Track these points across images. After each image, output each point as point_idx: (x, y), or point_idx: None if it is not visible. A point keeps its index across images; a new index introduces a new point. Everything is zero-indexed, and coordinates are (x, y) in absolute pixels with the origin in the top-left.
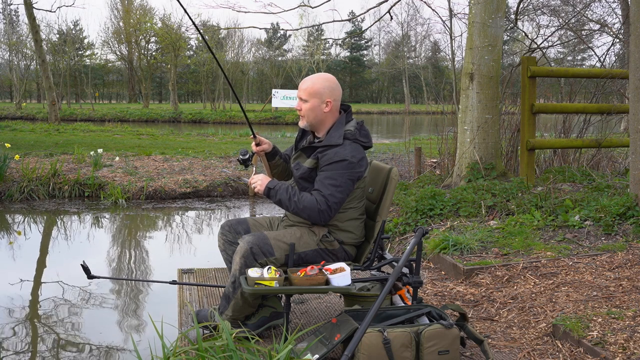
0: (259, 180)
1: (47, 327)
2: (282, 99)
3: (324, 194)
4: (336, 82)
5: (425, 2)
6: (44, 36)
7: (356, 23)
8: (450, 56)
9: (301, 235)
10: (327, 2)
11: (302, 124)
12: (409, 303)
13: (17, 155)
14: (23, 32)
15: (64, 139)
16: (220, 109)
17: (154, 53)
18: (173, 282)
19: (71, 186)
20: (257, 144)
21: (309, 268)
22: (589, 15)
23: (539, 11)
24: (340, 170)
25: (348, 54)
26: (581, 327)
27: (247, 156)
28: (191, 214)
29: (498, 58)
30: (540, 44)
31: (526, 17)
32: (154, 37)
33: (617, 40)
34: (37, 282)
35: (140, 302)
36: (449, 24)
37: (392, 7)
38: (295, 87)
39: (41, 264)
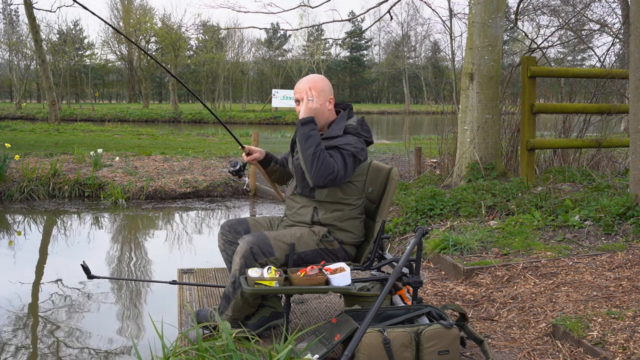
0: (314, 102)
1: (47, 327)
2: (282, 99)
3: (336, 162)
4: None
5: (425, 2)
6: (44, 36)
7: (356, 23)
8: (450, 56)
9: (301, 235)
10: (327, 2)
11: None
12: (409, 303)
13: (17, 155)
14: (23, 32)
15: (64, 139)
16: (220, 108)
17: (154, 53)
18: (173, 282)
19: (71, 186)
20: (248, 154)
21: (309, 268)
22: (589, 15)
23: (539, 11)
24: (347, 150)
25: (348, 54)
26: (581, 327)
27: (237, 167)
28: (191, 214)
29: (498, 58)
30: (540, 44)
31: (526, 17)
32: (154, 37)
33: (617, 40)
34: (37, 282)
35: (140, 302)
36: (449, 24)
37: (392, 7)
38: None
39: (41, 264)
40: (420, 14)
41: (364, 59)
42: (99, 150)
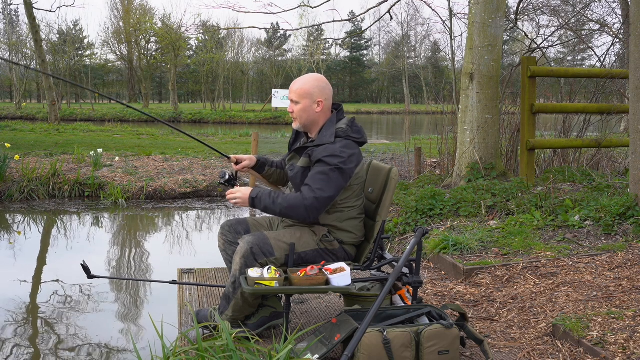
0: (239, 193)
1: (47, 327)
2: (282, 99)
3: (313, 188)
4: (326, 82)
5: (425, 2)
6: (44, 36)
7: (356, 23)
8: (450, 56)
9: (301, 235)
10: (327, 2)
11: (295, 125)
12: (409, 303)
13: (17, 155)
14: (23, 32)
15: (64, 139)
16: (220, 109)
17: (154, 53)
18: (173, 282)
19: (71, 186)
20: (237, 163)
21: (309, 268)
22: (589, 15)
23: (539, 11)
24: (331, 165)
25: (348, 54)
26: (581, 327)
27: (227, 177)
28: (191, 214)
29: (498, 58)
30: (540, 44)
31: (526, 17)
32: (154, 37)
33: (617, 40)
34: (37, 282)
35: (140, 302)
36: (449, 24)
37: (392, 7)
38: None
39: (41, 264)
40: (420, 14)
41: (364, 59)
42: (99, 150)
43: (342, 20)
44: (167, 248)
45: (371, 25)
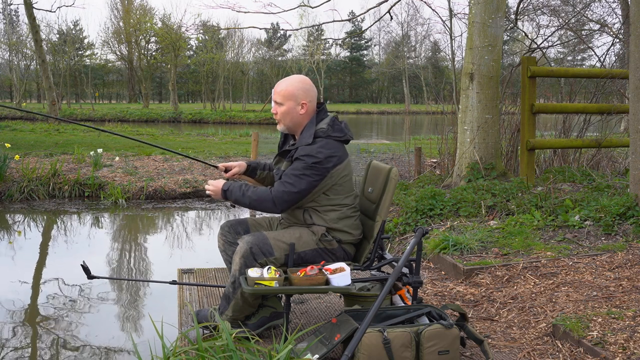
0: (212, 186)
1: (47, 327)
2: None
3: (283, 181)
4: (311, 84)
5: (425, 2)
6: (44, 36)
7: (356, 23)
8: (450, 56)
9: (300, 235)
10: (327, 2)
11: (279, 127)
12: (409, 303)
13: (17, 155)
14: (23, 32)
15: (64, 139)
16: (220, 109)
17: (154, 53)
18: (173, 282)
19: (71, 186)
20: (226, 171)
21: (308, 268)
22: (589, 15)
23: (539, 11)
24: (303, 163)
25: (348, 54)
26: (581, 327)
27: None
28: (191, 214)
29: (498, 58)
30: (540, 44)
31: (526, 17)
32: (154, 37)
33: (617, 40)
34: (37, 282)
35: (140, 302)
36: (449, 24)
37: (392, 7)
38: None
39: (41, 264)
40: (420, 14)
41: (364, 59)
42: (99, 150)
43: (342, 20)
44: (167, 248)
45: (371, 25)
